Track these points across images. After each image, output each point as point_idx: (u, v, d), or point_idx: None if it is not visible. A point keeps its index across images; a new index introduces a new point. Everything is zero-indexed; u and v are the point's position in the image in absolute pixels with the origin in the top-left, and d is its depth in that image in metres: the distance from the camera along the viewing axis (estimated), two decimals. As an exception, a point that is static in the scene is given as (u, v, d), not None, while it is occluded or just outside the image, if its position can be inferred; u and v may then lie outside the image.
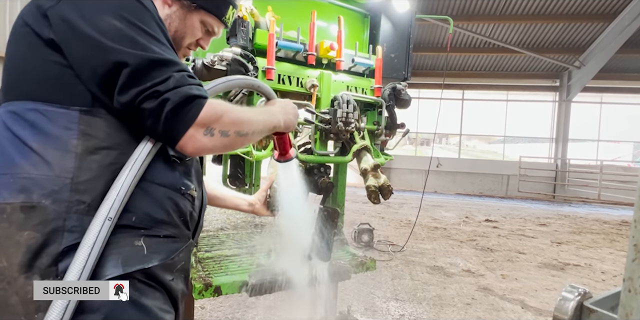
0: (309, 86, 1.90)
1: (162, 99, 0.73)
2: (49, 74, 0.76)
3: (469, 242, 5.61)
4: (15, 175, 0.73)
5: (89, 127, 0.76)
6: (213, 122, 0.78)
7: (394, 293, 3.50)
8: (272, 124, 0.96)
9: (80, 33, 0.73)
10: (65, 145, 0.74)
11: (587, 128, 13.59)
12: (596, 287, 3.89)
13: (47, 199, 0.72)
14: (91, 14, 0.75)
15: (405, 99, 2.18)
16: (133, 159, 0.77)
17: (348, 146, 2.07)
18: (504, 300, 3.47)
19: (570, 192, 12.46)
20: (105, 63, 0.73)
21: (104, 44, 0.73)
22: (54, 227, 0.72)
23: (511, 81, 13.70)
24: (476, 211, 8.76)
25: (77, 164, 0.74)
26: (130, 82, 0.73)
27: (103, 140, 0.77)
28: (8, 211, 0.71)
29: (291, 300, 2.03)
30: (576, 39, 11.57)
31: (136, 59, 0.73)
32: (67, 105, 0.76)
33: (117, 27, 0.74)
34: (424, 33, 11.91)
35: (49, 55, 0.76)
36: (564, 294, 0.84)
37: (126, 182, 0.75)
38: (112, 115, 0.77)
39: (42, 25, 0.76)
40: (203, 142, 0.78)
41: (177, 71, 0.76)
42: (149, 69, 0.74)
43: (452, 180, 13.50)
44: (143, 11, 0.79)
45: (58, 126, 0.75)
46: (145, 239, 0.79)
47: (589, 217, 8.61)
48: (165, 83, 0.74)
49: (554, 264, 4.71)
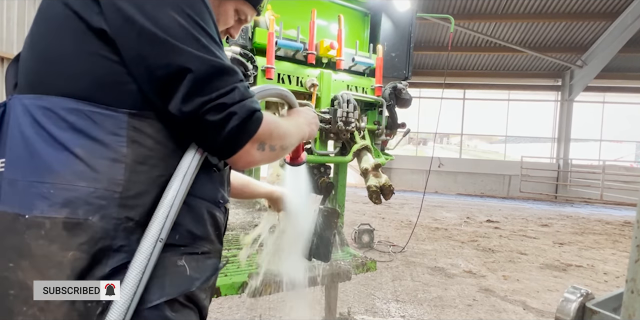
0: (309, 85, 1.90)
1: (229, 112, 0.69)
2: (95, 69, 0.68)
3: (470, 243, 5.61)
4: (56, 186, 0.65)
5: (137, 134, 0.69)
6: (267, 137, 0.76)
7: (395, 294, 3.50)
8: (302, 136, 0.96)
9: (140, 27, 0.66)
10: (115, 154, 0.67)
11: (589, 128, 13.60)
12: (598, 288, 3.89)
13: (95, 215, 0.66)
14: (151, 5, 0.67)
15: (406, 98, 2.18)
16: (182, 172, 0.72)
17: (348, 146, 2.07)
18: (505, 301, 3.47)
19: (572, 192, 12.46)
20: (168, 65, 0.67)
21: (169, 42, 0.67)
22: (101, 247, 0.66)
23: (513, 80, 13.70)
24: (477, 212, 8.75)
25: (126, 176, 0.68)
26: (196, 90, 0.68)
27: (151, 148, 0.71)
28: (47, 227, 0.65)
29: (291, 302, 2.03)
30: (578, 38, 11.57)
31: (202, 64, 0.68)
32: (115, 107, 0.68)
33: (181, 24, 0.68)
34: (425, 32, 11.91)
35: (96, 48, 0.68)
36: (566, 295, 0.84)
37: (177, 199, 0.70)
38: (159, 119, 0.71)
39: (91, 11, 0.67)
40: (255, 156, 0.76)
41: (239, 81, 0.72)
42: (214, 78, 0.69)
43: (453, 180, 13.50)
44: (201, 6, 0.73)
45: (105, 131, 0.67)
46: (185, 257, 0.75)
47: (591, 218, 8.60)
48: (231, 94, 0.70)
49: (556, 264, 4.71)
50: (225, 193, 0.87)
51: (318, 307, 3.04)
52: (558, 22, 10.89)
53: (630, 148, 14.29)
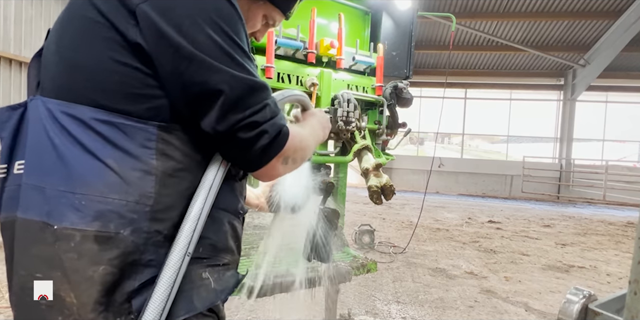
0: (309, 85, 1.90)
1: (261, 131, 0.70)
2: (127, 81, 0.68)
3: (472, 244, 5.61)
4: (89, 197, 0.65)
5: (166, 146, 0.70)
6: (292, 152, 0.78)
7: (396, 295, 3.50)
8: (318, 141, 0.98)
9: (176, 45, 0.67)
10: (146, 166, 0.68)
11: (592, 127, 13.59)
12: (601, 290, 3.89)
13: (126, 228, 0.66)
14: (188, 22, 0.67)
15: (406, 97, 2.18)
16: (207, 186, 0.73)
17: (349, 146, 2.07)
18: (507, 302, 3.47)
19: (574, 192, 12.46)
20: (203, 83, 0.68)
21: (205, 60, 0.67)
22: (131, 261, 0.66)
23: (515, 80, 13.70)
24: (479, 212, 8.75)
25: (157, 189, 0.68)
26: (229, 109, 0.69)
27: (179, 161, 0.71)
28: (77, 239, 0.65)
29: (291, 303, 2.03)
30: (581, 36, 11.57)
31: (237, 83, 0.69)
32: (145, 119, 0.69)
33: (216, 42, 0.69)
34: (426, 31, 11.91)
35: (131, 61, 0.68)
36: (568, 296, 0.84)
37: (203, 213, 0.71)
38: (186, 132, 0.72)
39: (127, 23, 0.67)
40: (279, 170, 0.78)
41: (268, 97, 0.74)
42: (247, 95, 0.70)
43: (455, 180, 13.50)
44: (236, 19, 0.73)
45: (136, 143, 0.68)
46: (209, 270, 0.75)
47: (594, 218, 8.61)
48: (262, 112, 0.71)
49: (559, 266, 4.71)
50: (244, 203, 0.87)
51: (318, 309, 3.04)
52: (560, 20, 10.89)
53: (633, 148, 14.28)
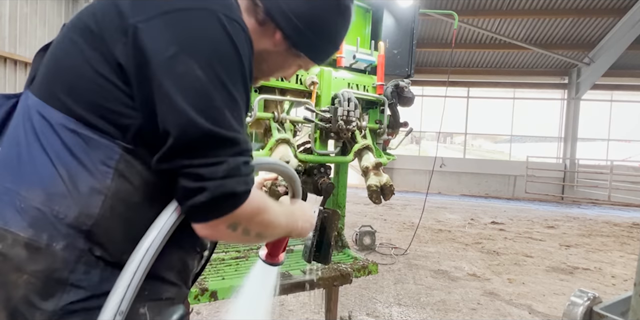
0: (309, 83, 1.90)
1: (200, 187, 0.65)
2: (103, 94, 0.68)
3: (475, 245, 5.62)
4: (29, 201, 0.65)
5: (127, 168, 0.68)
6: (244, 220, 0.72)
7: (397, 298, 3.50)
8: (289, 230, 0.90)
9: (155, 74, 0.65)
10: (98, 185, 0.66)
11: (596, 127, 13.58)
12: (606, 292, 3.89)
13: (59, 242, 0.64)
14: (174, 50, 0.65)
15: (408, 96, 2.18)
16: (158, 227, 0.69)
17: (349, 146, 2.07)
18: (510, 305, 3.47)
19: (579, 193, 12.46)
20: (162, 117, 0.66)
21: (173, 97, 0.64)
22: (58, 277, 0.64)
23: (518, 78, 13.70)
24: (482, 213, 8.76)
25: (101, 210, 0.66)
26: (178, 151, 0.65)
27: (136, 187, 0.69)
28: (8, 242, 0.63)
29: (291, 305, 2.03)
30: (585, 34, 11.57)
31: (197, 128, 0.65)
32: (112, 138, 0.68)
33: (197, 79, 0.65)
34: (428, 28, 11.91)
35: (111, 76, 0.67)
36: (572, 298, 0.84)
37: (142, 265, 0.67)
38: (149, 159, 0.69)
39: (117, 39, 0.67)
40: (222, 234, 0.73)
41: (234, 155, 0.68)
42: (205, 144, 0.66)
43: (457, 181, 13.50)
44: (235, 62, 0.69)
45: (95, 159, 0.67)
46: (148, 304, 0.73)
47: (598, 219, 8.61)
48: (213, 168, 0.66)
49: (563, 267, 4.71)
50: (205, 240, 0.84)
51: (318, 311, 3.04)
52: (565, 18, 10.89)
53: (638, 148, 14.28)
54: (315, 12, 0.83)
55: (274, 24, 0.81)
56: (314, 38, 0.85)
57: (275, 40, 0.83)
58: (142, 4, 0.68)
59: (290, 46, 0.85)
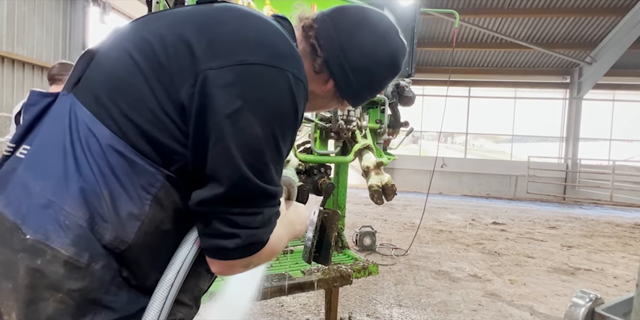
0: (309, 83, 1.90)
1: (233, 233, 0.69)
2: (158, 126, 0.68)
3: (476, 246, 5.62)
4: (73, 217, 0.64)
5: (165, 197, 0.69)
6: (256, 260, 0.75)
7: (397, 299, 3.50)
8: (291, 238, 0.93)
9: (216, 123, 0.66)
10: (137, 211, 0.67)
11: (598, 127, 13.59)
12: (608, 293, 3.88)
13: (99, 262, 0.64)
14: (239, 103, 0.66)
15: (409, 96, 2.18)
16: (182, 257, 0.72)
17: (349, 145, 2.07)
18: (512, 306, 3.47)
19: (581, 193, 12.46)
20: (214, 167, 0.67)
21: (229, 150, 0.66)
22: (93, 298, 0.64)
23: (519, 78, 13.70)
24: (483, 213, 8.75)
25: (135, 236, 0.67)
26: (223, 200, 0.68)
27: (169, 216, 0.71)
28: (47, 257, 0.62)
29: (290, 306, 2.03)
30: (587, 33, 11.57)
31: (247, 183, 0.68)
32: (158, 165, 0.68)
33: (256, 135, 0.67)
34: (429, 27, 11.91)
35: (170, 111, 0.68)
36: (574, 299, 0.84)
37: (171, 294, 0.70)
38: (188, 188, 0.71)
39: (185, 80, 0.68)
40: (235, 271, 0.77)
41: (270, 206, 0.72)
42: (247, 197, 0.69)
43: (458, 181, 13.50)
44: (291, 121, 0.72)
45: (137, 184, 0.67)
46: None
47: (600, 220, 8.60)
48: (249, 217, 0.69)
49: (564, 268, 4.71)
50: None
51: (318, 312, 3.04)
52: (566, 17, 10.89)
53: (641, 148, 14.29)
54: (372, 69, 0.87)
55: (329, 74, 0.85)
56: (362, 90, 0.90)
57: (326, 87, 0.88)
58: (217, 50, 0.69)
59: (337, 94, 0.89)
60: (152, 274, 0.71)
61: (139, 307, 0.69)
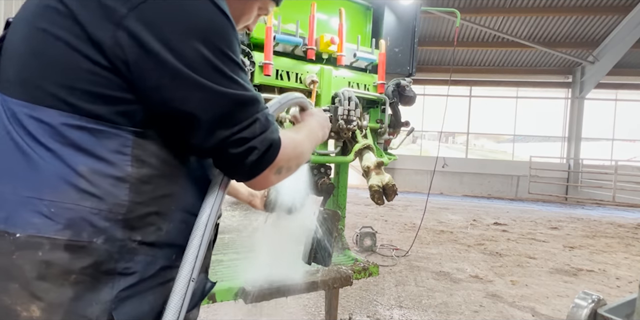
0: (309, 82, 1.90)
1: (249, 147, 0.72)
2: (98, 80, 0.66)
3: (477, 247, 5.62)
4: (59, 204, 0.64)
5: (143, 152, 0.70)
6: (284, 162, 0.79)
7: (398, 300, 3.50)
8: (315, 143, 0.99)
9: (162, 60, 0.66)
10: (120, 173, 0.68)
11: (601, 126, 13.59)
12: (610, 294, 3.89)
13: (99, 237, 0.66)
14: (174, 35, 0.66)
15: (409, 95, 2.18)
16: (207, 214, 0.76)
17: (350, 145, 2.07)
18: (513, 307, 3.47)
19: (583, 193, 12.46)
20: (184, 99, 0.68)
21: (189, 76, 0.67)
22: (106, 270, 0.67)
23: (521, 77, 13.70)
24: (484, 214, 8.76)
25: (131, 197, 0.68)
26: (216, 126, 0.70)
27: (156, 168, 0.72)
28: (46, 248, 0.63)
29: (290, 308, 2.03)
30: (590, 32, 11.57)
31: (223, 99, 0.70)
32: (120, 125, 0.68)
33: (204, 56, 0.68)
34: (430, 26, 11.91)
35: (104, 61, 0.66)
36: (576, 301, 0.84)
37: (204, 240, 0.75)
38: (163, 137, 0.72)
39: (102, 27, 0.65)
40: (272, 180, 0.81)
41: (260, 111, 0.75)
42: (236, 110, 0.71)
43: (459, 181, 13.50)
44: (229, 30, 0.72)
45: (109, 149, 0.67)
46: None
47: (603, 220, 8.61)
48: (251, 128, 0.72)
49: (567, 269, 4.71)
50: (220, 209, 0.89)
51: (318, 313, 3.04)
52: (568, 16, 10.89)
53: (643, 147, 14.29)
54: None
55: None
56: None
57: None
58: None
59: None
60: (168, 226, 0.74)
61: (157, 267, 0.73)
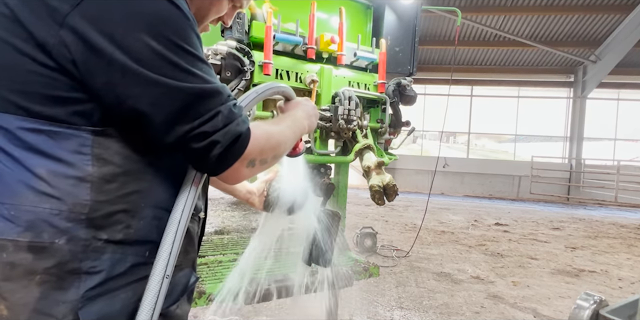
0: (309, 82, 1.90)
1: (211, 141, 0.70)
2: (49, 82, 0.66)
3: (478, 247, 5.62)
4: (18, 207, 0.65)
5: (104, 151, 0.69)
6: (256, 154, 0.77)
7: (399, 301, 3.50)
8: (300, 133, 0.97)
9: (108, 56, 0.64)
10: (80, 173, 0.67)
11: (603, 126, 13.59)
12: (613, 295, 3.88)
13: (61, 238, 0.66)
14: (121, 31, 0.65)
15: (410, 95, 2.19)
16: (180, 210, 0.75)
17: (350, 145, 2.07)
18: (515, 308, 3.47)
19: (585, 194, 12.46)
20: (138, 96, 0.67)
21: (139, 72, 0.65)
22: (70, 269, 0.66)
23: (523, 76, 13.71)
24: (485, 214, 8.76)
25: (92, 196, 0.68)
26: (175, 121, 0.68)
27: (119, 165, 0.71)
28: (10, 250, 0.64)
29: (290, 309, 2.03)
30: (592, 31, 11.57)
31: (179, 93, 0.68)
32: (77, 125, 0.67)
33: (154, 49, 0.66)
34: (431, 25, 11.91)
35: (51, 63, 0.65)
36: (578, 302, 0.84)
37: (177, 236, 0.73)
38: (124, 134, 0.71)
39: (48, 29, 0.64)
40: (244, 174, 0.79)
41: (223, 103, 0.72)
42: (195, 104, 0.69)
43: (460, 181, 13.51)
44: (180, 20, 0.70)
45: (68, 150, 0.67)
46: None
47: (605, 221, 8.61)
48: (213, 121, 0.70)
49: (568, 270, 4.71)
50: (200, 202, 0.87)
51: (318, 314, 3.04)
52: (570, 15, 10.89)
53: (646, 147, 14.30)
54: None
55: None
56: None
57: None
58: None
59: None
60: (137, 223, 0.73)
61: (128, 265, 0.72)
